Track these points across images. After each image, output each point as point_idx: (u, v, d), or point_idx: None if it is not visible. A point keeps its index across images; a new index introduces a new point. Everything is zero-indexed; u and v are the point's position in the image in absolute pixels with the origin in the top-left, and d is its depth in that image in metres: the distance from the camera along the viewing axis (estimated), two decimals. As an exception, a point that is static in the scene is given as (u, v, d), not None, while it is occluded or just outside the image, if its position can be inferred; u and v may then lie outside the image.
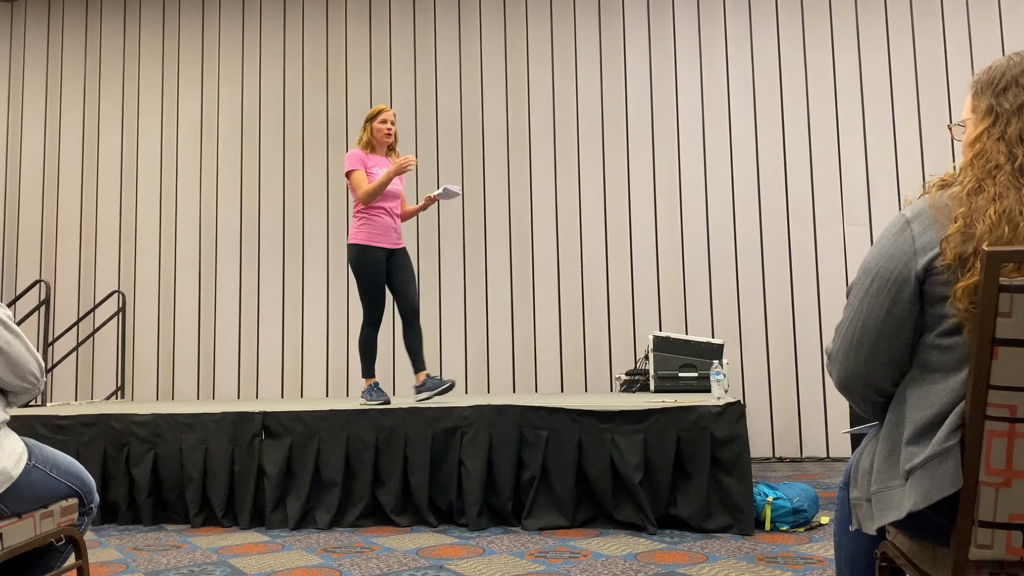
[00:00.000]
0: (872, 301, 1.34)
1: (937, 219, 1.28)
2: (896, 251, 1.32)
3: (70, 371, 6.69)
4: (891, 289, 1.32)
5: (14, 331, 1.95)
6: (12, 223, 6.93)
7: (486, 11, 6.55)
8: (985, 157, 1.30)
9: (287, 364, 6.49)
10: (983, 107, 1.35)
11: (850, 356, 1.38)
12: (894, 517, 1.27)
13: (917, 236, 1.29)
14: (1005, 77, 1.32)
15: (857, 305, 1.37)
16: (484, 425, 3.89)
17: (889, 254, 1.33)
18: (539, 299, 6.24)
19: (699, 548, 3.30)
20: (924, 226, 1.30)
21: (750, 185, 6.12)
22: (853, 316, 1.38)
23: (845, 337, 1.39)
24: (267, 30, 6.82)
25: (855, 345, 1.37)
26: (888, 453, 1.33)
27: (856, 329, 1.37)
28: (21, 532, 1.92)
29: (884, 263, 1.33)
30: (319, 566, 3.18)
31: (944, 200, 1.30)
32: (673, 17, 6.34)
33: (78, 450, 4.16)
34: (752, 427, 5.62)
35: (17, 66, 7.08)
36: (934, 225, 1.28)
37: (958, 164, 1.37)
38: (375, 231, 4.17)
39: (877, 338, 1.34)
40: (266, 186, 6.67)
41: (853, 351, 1.37)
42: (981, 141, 1.32)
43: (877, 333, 1.34)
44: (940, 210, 1.29)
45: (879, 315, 1.33)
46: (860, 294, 1.37)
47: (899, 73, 6.03)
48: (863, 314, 1.35)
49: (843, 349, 1.40)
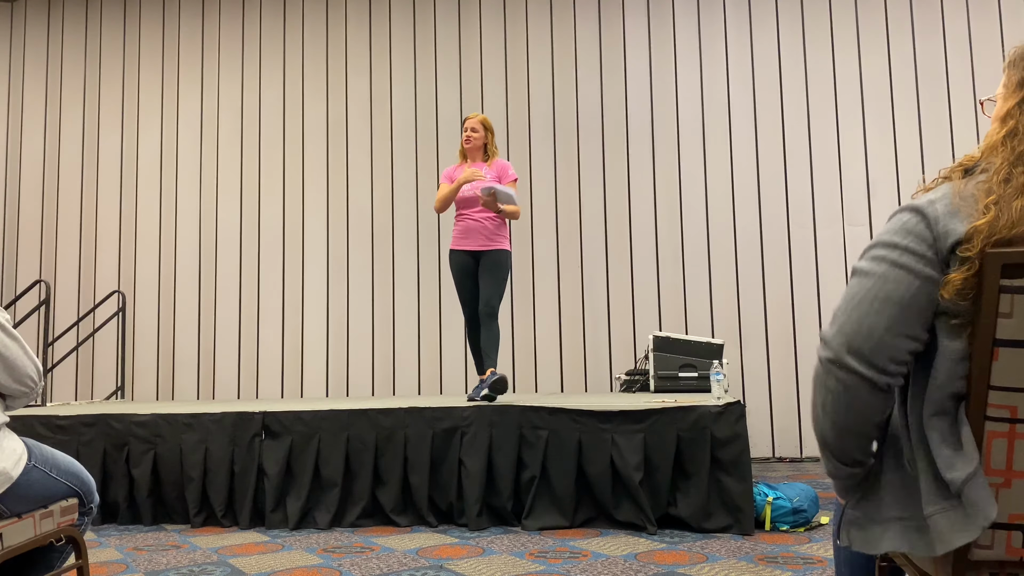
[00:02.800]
0: (889, 269, 1.22)
1: (960, 208, 1.18)
2: (918, 231, 1.21)
3: (70, 371, 6.69)
4: (916, 264, 1.21)
5: (12, 334, 1.95)
6: (12, 223, 6.93)
7: (486, 11, 6.55)
8: (1018, 137, 1.21)
9: (287, 364, 6.49)
10: (1016, 79, 1.27)
11: (865, 322, 1.23)
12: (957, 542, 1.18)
13: (940, 218, 1.19)
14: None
15: (873, 274, 1.24)
16: (484, 425, 3.89)
17: (910, 232, 1.22)
18: (539, 299, 6.24)
19: (699, 548, 3.30)
20: (945, 210, 1.19)
21: (750, 185, 6.12)
22: (871, 285, 1.23)
23: (858, 306, 1.24)
24: (267, 30, 6.81)
25: (874, 312, 1.22)
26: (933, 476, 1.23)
27: (875, 297, 1.22)
28: (21, 532, 1.92)
29: (911, 244, 1.21)
30: (319, 566, 3.18)
31: (971, 190, 1.20)
32: (673, 17, 6.34)
33: (78, 450, 4.16)
34: (752, 427, 5.62)
35: (17, 66, 7.08)
36: (958, 214, 1.18)
37: (962, 154, 1.31)
38: (459, 235, 4.30)
39: (899, 309, 1.21)
40: (266, 186, 6.67)
41: (873, 317, 1.22)
42: (1013, 116, 1.24)
43: (899, 304, 1.21)
44: (965, 199, 1.19)
45: (899, 286, 1.21)
46: (877, 265, 1.24)
47: (899, 73, 6.03)
48: (881, 281, 1.22)
49: (852, 318, 1.24)
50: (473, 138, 4.32)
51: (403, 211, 6.46)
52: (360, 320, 6.42)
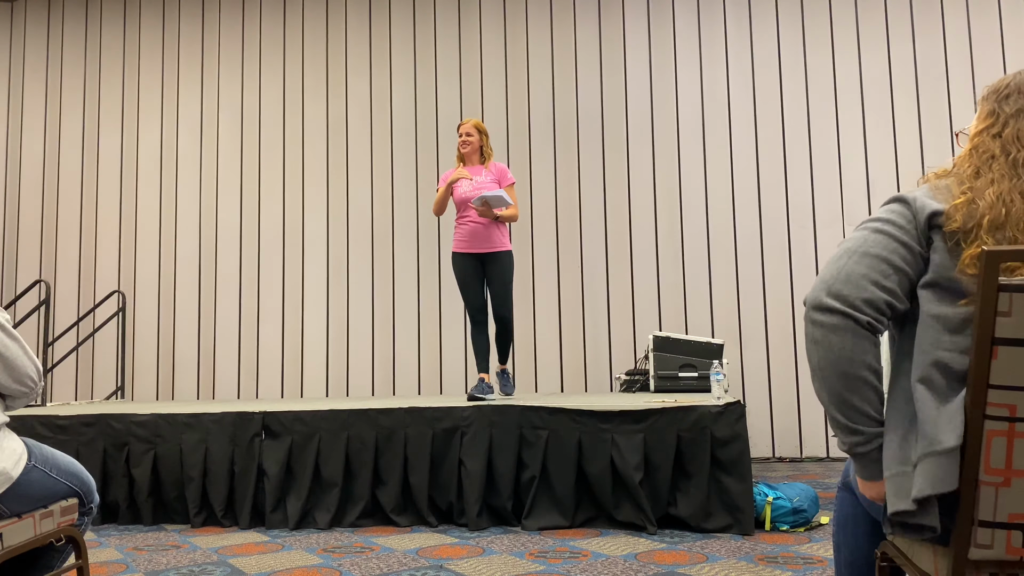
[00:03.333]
0: (877, 233, 1.36)
1: (937, 196, 1.35)
2: (899, 211, 1.36)
3: (70, 371, 6.69)
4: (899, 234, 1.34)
5: (12, 335, 1.95)
6: (12, 223, 6.93)
7: (486, 11, 6.55)
8: (982, 149, 1.40)
9: (287, 364, 6.49)
10: (986, 110, 1.45)
11: (851, 262, 1.35)
12: (904, 506, 1.25)
13: (919, 199, 1.35)
14: (1010, 86, 1.43)
15: (861, 236, 1.37)
16: (484, 425, 3.89)
17: (892, 211, 1.37)
18: (539, 299, 6.24)
19: (699, 548, 3.30)
20: (923, 195, 1.36)
21: (750, 185, 6.12)
22: (859, 241, 1.37)
23: (848, 252, 1.37)
24: (267, 30, 6.82)
25: (860, 254, 1.35)
26: (904, 435, 1.31)
27: (864, 243, 1.36)
28: (21, 532, 1.92)
29: (893, 217, 1.36)
30: (319, 566, 3.18)
31: (944, 183, 1.38)
32: (673, 17, 6.34)
33: (78, 450, 4.16)
34: (752, 427, 5.62)
35: (17, 66, 7.08)
36: (936, 196, 1.35)
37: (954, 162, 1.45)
38: (461, 237, 4.38)
39: (879, 262, 1.33)
40: (266, 186, 6.67)
41: (856, 257, 1.35)
42: (980, 136, 1.42)
43: (885, 253, 1.34)
44: (940, 190, 1.36)
45: (887, 242, 1.34)
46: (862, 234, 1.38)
47: (899, 73, 6.03)
48: (869, 240, 1.36)
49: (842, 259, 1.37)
50: (469, 142, 4.41)
51: (403, 211, 6.47)
52: (360, 320, 6.42)
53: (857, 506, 1.54)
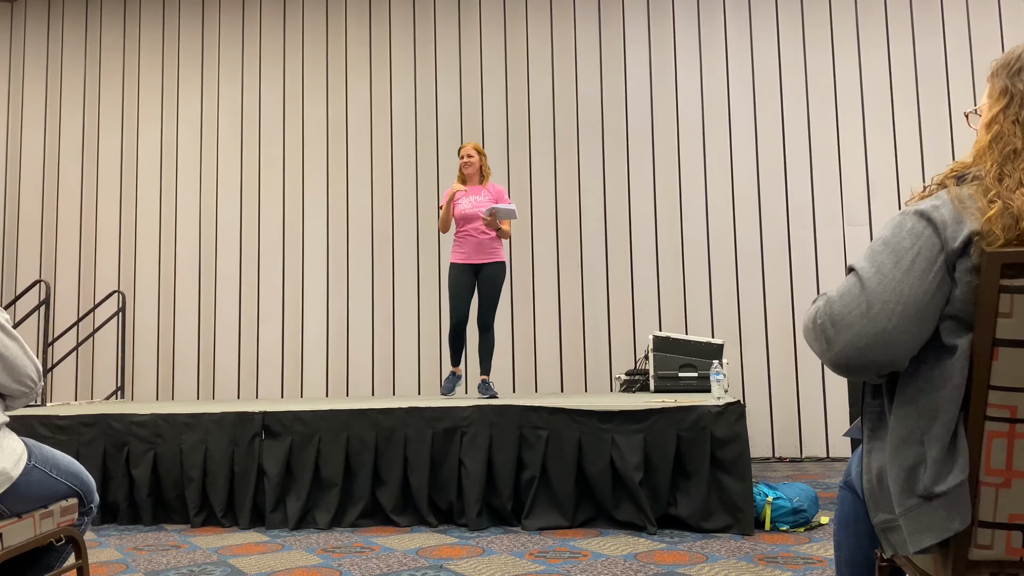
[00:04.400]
0: (909, 268, 1.23)
1: (962, 211, 1.22)
2: (926, 237, 1.23)
3: (70, 371, 6.69)
4: (930, 261, 1.22)
5: (11, 334, 1.95)
6: (12, 223, 6.93)
7: (486, 11, 6.55)
8: (1003, 140, 1.28)
9: (287, 364, 6.49)
10: (998, 88, 1.34)
11: (881, 322, 1.24)
12: (937, 539, 1.20)
13: (947, 223, 1.22)
14: (1020, 59, 1.33)
15: (891, 275, 1.24)
16: (484, 425, 3.89)
17: (917, 233, 1.24)
18: (539, 299, 6.24)
19: (699, 548, 3.30)
20: (950, 215, 1.23)
21: (750, 185, 6.12)
22: (890, 282, 1.24)
23: (877, 300, 1.24)
24: (267, 30, 6.81)
25: (895, 314, 1.23)
26: (911, 468, 1.26)
27: (893, 292, 1.23)
28: (21, 532, 1.92)
29: (921, 243, 1.23)
30: (319, 566, 3.18)
31: (968, 192, 1.24)
32: (673, 17, 6.34)
33: (78, 450, 4.16)
34: (752, 427, 5.62)
35: (17, 66, 7.08)
36: (961, 218, 1.22)
37: (962, 154, 1.36)
38: (460, 249, 4.65)
39: (917, 308, 1.23)
40: (266, 186, 6.67)
41: (887, 317, 1.23)
42: (998, 122, 1.31)
43: (917, 304, 1.22)
44: (964, 202, 1.23)
45: (917, 284, 1.22)
46: (890, 270, 1.24)
47: (899, 73, 6.03)
48: (898, 280, 1.23)
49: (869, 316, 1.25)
50: (471, 163, 4.71)
51: (403, 211, 6.47)
52: (360, 320, 6.42)
53: (858, 506, 1.54)
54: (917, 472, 1.24)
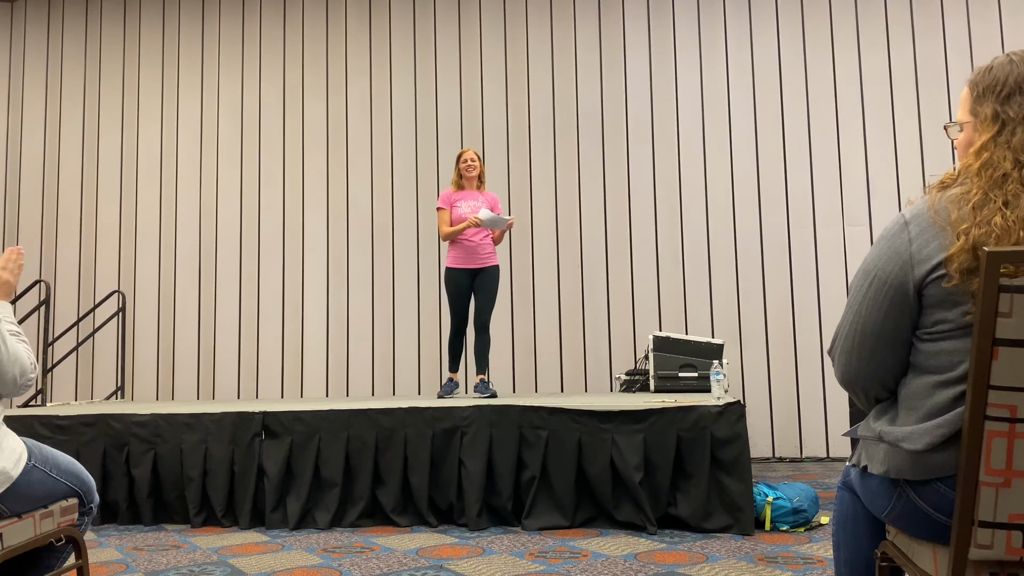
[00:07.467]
0: (870, 305, 1.34)
1: (935, 221, 1.27)
2: (893, 253, 1.31)
3: (70, 371, 6.69)
4: (888, 293, 1.32)
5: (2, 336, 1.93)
6: (12, 223, 6.93)
7: (486, 11, 6.55)
8: (993, 167, 1.27)
9: (287, 364, 6.49)
10: (988, 113, 1.32)
11: (852, 359, 1.39)
12: (879, 471, 1.35)
13: (914, 239, 1.29)
14: (1008, 83, 1.31)
15: (856, 308, 1.37)
16: (484, 425, 3.89)
17: (887, 256, 1.32)
18: (539, 299, 6.24)
19: (699, 548, 3.30)
20: (921, 228, 1.29)
21: (750, 185, 6.12)
22: (853, 319, 1.38)
23: (846, 339, 1.40)
24: (267, 30, 6.81)
25: (856, 348, 1.37)
26: (884, 408, 1.41)
27: (856, 333, 1.37)
28: (21, 532, 1.92)
29: (882, 265, 1.33)
30: (319, 566, 3.18)
31: (943, 203, 1.28)
32: (673, 17, 6.34)
33: (78, 450, 4.16)
34: (752, 427, 5.62)
35: (17, 66, 7.08)
36: (933, 227, 1.27)
37: (958, 165, 1.36)
38: (457, 255, 4.71)
39: (876, 341, 1.35)
40: (266, 186, 6.67)
41: (855, 354, 1.38)
42: (988, 150, 1.30)
43: (876, 337, 1.35)
44: (939, 212, 1.28)
45: (877, 319, 1.34)
46: (859, 297, 1.37)
47: (899, 73, 6.03)
48: (862, 318, 1.36)
49: (844, 352, 1.40)
50: (473, 167, 4.78)
51: (403, 211, 6.47)
52: (360, 320, 6.42)
53: (857, 505, 1.54)
54: (887, 413, 1.38)
